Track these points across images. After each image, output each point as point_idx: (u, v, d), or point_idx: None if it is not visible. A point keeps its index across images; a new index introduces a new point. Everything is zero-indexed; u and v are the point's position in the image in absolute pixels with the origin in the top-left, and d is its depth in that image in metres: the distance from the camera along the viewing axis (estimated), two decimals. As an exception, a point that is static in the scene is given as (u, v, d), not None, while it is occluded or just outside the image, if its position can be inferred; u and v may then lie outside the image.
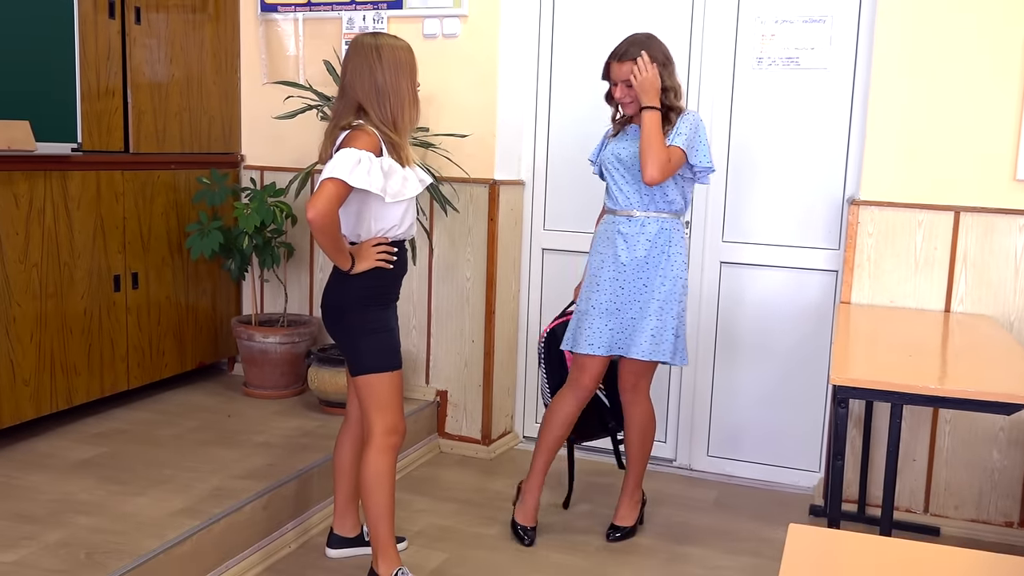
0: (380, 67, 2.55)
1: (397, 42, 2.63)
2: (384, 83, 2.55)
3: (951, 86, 3.20)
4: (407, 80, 2.60)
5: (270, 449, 3.33)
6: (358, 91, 2.56)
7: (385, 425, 2.64)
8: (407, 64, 2.61)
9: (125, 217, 3.67)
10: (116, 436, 3.42)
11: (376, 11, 3.89)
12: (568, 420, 3.10)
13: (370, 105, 2.55)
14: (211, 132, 4.10)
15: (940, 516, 3.35)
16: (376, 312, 2.64)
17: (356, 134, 2.52)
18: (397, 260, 2.66)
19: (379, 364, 2.63)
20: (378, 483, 2.63)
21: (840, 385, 2.21)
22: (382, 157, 2.53)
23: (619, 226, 3.01)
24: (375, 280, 2.62)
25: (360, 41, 2.61)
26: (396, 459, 2.69)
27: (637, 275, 2.97)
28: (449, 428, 4.02)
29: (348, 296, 2.63)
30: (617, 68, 2.94)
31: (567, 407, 3.09)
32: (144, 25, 3.69)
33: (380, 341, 2.64)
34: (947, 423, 3.31)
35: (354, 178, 2.45)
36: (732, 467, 3.82)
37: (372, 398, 2.64)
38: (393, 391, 2.66)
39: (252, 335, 3.94)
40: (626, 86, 2.92)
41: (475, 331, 3.92)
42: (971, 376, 2.41)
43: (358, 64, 2.58)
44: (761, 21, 3.59)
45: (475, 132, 3.78)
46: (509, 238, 3.95)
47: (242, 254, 3.90)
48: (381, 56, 2.56)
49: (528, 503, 3.17)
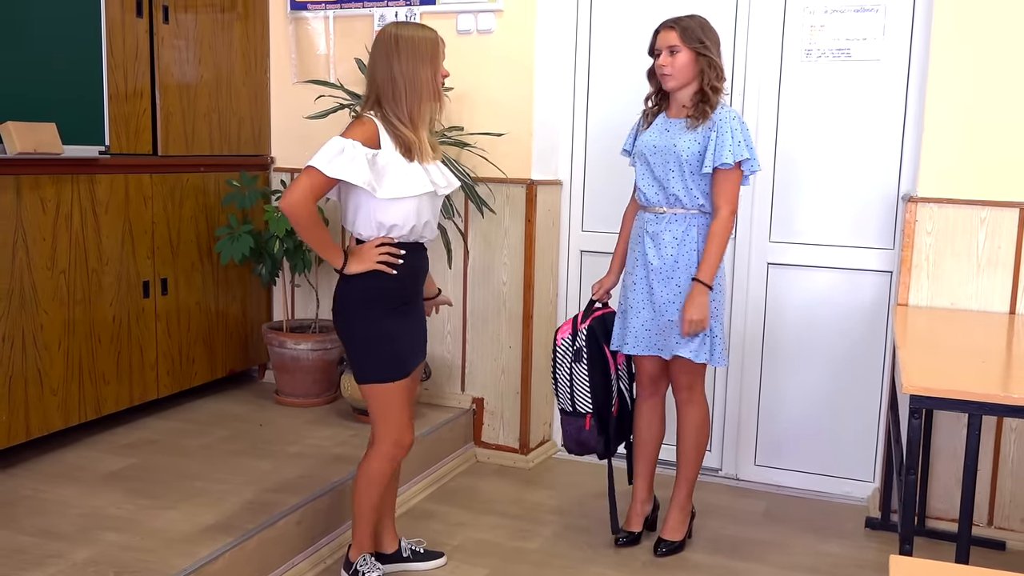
0: (398, 57, 2.44)
1: (421, 32, 2.49)
2: (400, 74, 2.43)
3: (1014, 75, 3.03)
4: (427, 71, 2.46)
5: (303, 460, 3.23)
6: (377, 82, 2.46)
7: (393, 438, 2.56)
8: (428, 54, 2.47)
9: (154, 221, 3.59)
10: (146, 447, 3.33)
11: (408, 7, 3.78)
12: (647, 424, 3.09)
13: (385, 97, 2.45)
14: (240, 134, 4.01)
15: (1006, 529, 3.19)
16: (380, 317, 2.50)
17: (352, 124, 2.43)
18: (405, 264, 2.50)
19: (380, 374, 2.50)
20: (372, 487, 2.60)
21: (915, 395, 2.06)
22: (378, 150, 2.40)
23: (647, 225, 2.90)
24: (377, 281, 2.48)
25: (383, 31, 2.51)
26: (396, 467, 2.63)
27: (669, 276, 2.86)
28: (486, 437, 3.89)
29: (349, 298, 2.51)
30: (664, 34, 2.82)
31: (640, 412, 3.09)
32: (172, 25, 3.60)
33: (382, 349, 2.50)
34: (1012, 431, 3.14)
35: (332, 168, 2.34)
36: (781, 476, 3.67)
37: (376, 408, 2.55)
38: (398, 401, 2.54)
39: (283, 342, 3.84)
40: (668, 54, 2.80)
41: (512, 336, 3.79)
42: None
43: (377, 54, 2.48)
44: (810, 11, 3.44)
45: (511, 131, 3.66)
46: (547, 240, 3.83)
47: (273, 259, 3.81)
48: (399, 45, 2.44)
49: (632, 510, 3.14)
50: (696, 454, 3.05)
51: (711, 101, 2.81)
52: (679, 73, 2.80)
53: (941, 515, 3.24)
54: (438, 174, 2.56)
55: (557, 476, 3.76)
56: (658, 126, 2.91)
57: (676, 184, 2.84)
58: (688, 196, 2.84)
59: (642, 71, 3.69)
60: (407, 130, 2.45)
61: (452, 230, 3.70)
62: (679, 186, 2.84)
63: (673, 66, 2.80)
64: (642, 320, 2.91)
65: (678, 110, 2.89)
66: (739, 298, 3.66)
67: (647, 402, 3.07)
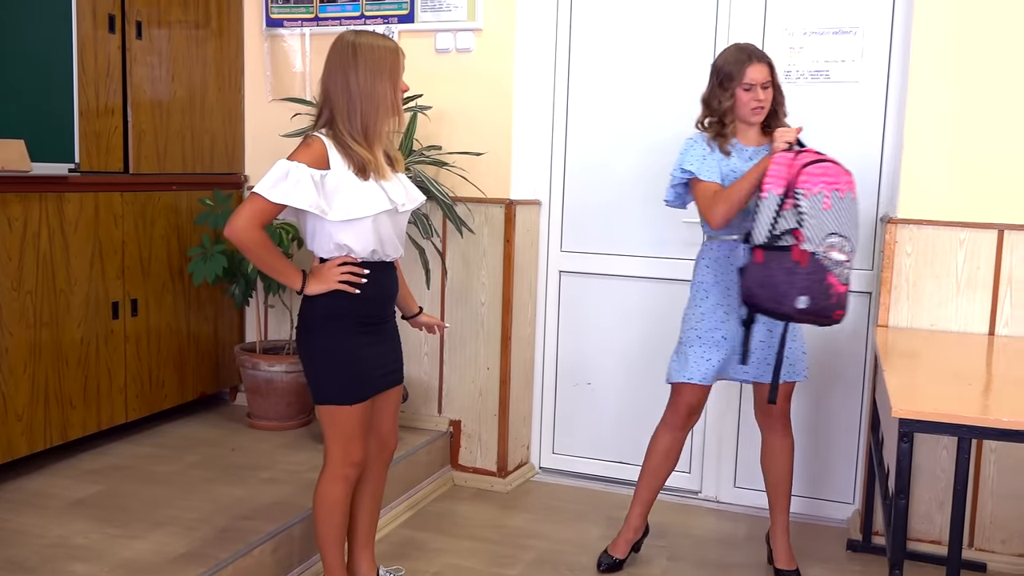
0: (355, 68, 2.34)
1: (380, 41, 2.39)
2: (357, 87, 2.34)
3: (993, 97, 3.05)
4: (385, 84, 2.36)
5: (277, 485, 3.15)
6: (330, 95, 2.37)
7: (344, 456, 2.47)
8: (387, 66, 2.37)
9: (124, 241, 3.50)
10: (114, 473, 3.24)
11: (387, 25, 3.74)
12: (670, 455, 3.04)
13: (339, 113, 2.35)
14: (214, 152, 3.94)
15: (986, 551, 3.17)
16: (343, 337, 2.41)
17: (299, 145, 2.35)
18: (370, 283, 2.42)
19: (337, 395, 2.42)
20: (330, 512, 2.49)
21: (905, 418, 2.04)
22: (328, 171, 2.32)
23: (733, 256, 2.83)
24: (341, 301, 2.40)
25: (339, 38, 2.41)
26: (351, 489, 2.52)
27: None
28: (463, 460, 3.83)
29: (311, 316, 2.42)
30: (760, 68, 2.75)
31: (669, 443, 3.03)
32: (145, 41, 3.53)
33: (342, 370, 2.42)
34: (992, 452, 3.14)
35: (276, 193, 2.27)
36: (760, 498, 3.63)
37: (330, 429, 2.47)
38: (356, 424, 2.46)
39: (256, 363, 3.76)
40: (762, 89, 2.75)
41: (491, 358, 3.75)
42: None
43: (333, 64, 2.38)
44: (789, 33, 3.45)
45: (490, 150, 3.62)
46: (525, 260, 3.79)
47: (246, 279, 3.73)
48: (357, 56, 2.34)
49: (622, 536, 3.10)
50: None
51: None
52: (768, 107, 2.79)
53: (921, 536, 3.23)
54: (398, 190, 2.46)
55: (536, 499, 3.71)
56: (751, 155, 2.81)
57: None
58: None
59: (621, 90, 3.72)
60: (361, 148, 2.36)
61: (430, 250, 3.65)
62: None
63: (768, 100, 2.77)
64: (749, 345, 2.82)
65: (754, 138, 2.84)
66: (719, 319, 3.64)
67: (679, 433, 2.98)
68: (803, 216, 2.50)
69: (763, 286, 2.56)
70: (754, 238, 2.59)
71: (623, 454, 3.85)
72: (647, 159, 3.71)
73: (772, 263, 2.53)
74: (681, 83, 3.63)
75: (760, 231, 2.57)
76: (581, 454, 3.92)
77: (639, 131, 3.72)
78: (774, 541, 3.06)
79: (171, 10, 3.65)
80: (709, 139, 2.84)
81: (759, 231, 2.58)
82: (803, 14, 3.44)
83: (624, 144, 3.75)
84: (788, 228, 2.52)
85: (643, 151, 3.71)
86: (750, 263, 2.59)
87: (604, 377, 3.85)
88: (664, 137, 3.68)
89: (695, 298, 2.93)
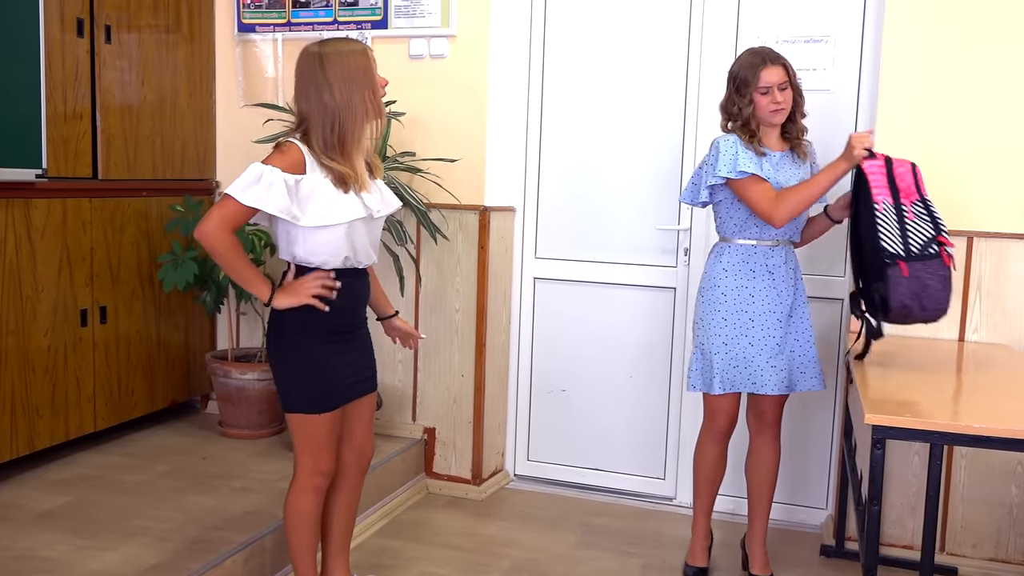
0: (326, 82, 2.28)
1: (346, 46, 2.33)
2: (333, 102, 2.29)
3: (962, 106, 3.09)
4: (362, 92, 2.31)
5: (249, 495, 3.11)
6: (303, 109, 2.33)
7: (313, 466, 2.44)
8: (359, 72, 2.31)
9: (93, 247, 3.45)
10: (82, 483, 3.18)
11: (360, 31, 3.73)
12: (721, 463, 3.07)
13: (314, 128, 2.31)
14: (185, 157, 3.90)
15: (957, 555, 3.20)
16: (314, 345, 2.38)
17: (275, 151, 2.31)
18: (342, 291, 2.39)
19: (306, 404, 2.39)
20: (301, 523, 2.46)
21: (878, 425, 2.05)
22: (302, 175, 2.28)
23: (767, 259, 2.85)
24: (311, 309, 2.36)
25: (304, 51, 2.35)
26: (321, 498, 2.49)
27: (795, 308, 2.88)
28: (437, 468, 3.81)
29: (281, 324, 2.39)
30: (775, 70, 2.76)
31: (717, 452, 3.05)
32: (115, 45, 3.49)
33: (311, 379, 2.39)
34: (963, 457, 3.17)
35: (248, 196, 2.23)
36: (735, 505, 3.65)
37: (299, 438, 2.43)
38: (325, 433, 2.43)
39: (228, 371, 3.72)
40: (779, 90, 2.75)
41: (465, 365, 3.73)
42: (1014, 413, 2.27)
43: (302, 79, 2.33)
44: (761, 41, 3.44)
45: (464, 157, 3.61)
46: (500, 267, 3.78)
47: (218, 286, 3.70)
48: (325, 69, 2.29)
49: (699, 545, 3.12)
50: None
51: (802, 131, 2.85)
52: (788, 109, 2.79)
53: (893, 541, 3.25)
54: (374, 196, 2.43)
55: (511, 507, 3.70)
56: (778, 160, 2.83)
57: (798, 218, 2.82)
58: (797, 226, 2.87)
59: (595, 97, 3.73)
60: (338, 164, 2.31)
61: (404, 256, 3.63)
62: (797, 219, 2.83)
63: (787, 102, 2.77)
64: (770, 357, 2.84)
65: (776, 143, 2.86)
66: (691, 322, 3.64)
67: (724, 442, 3.00)
68: (940, 222, 2.56)
69: (918, 297, 2.51)
70: (889, 250, 2.53)
71: (598, 461, 3.85)
72: (622, 166, 3.72)
73: (923, 273, 2.51)
74: (655, 91, 3.65)
75: (892, 243, 2.53)
76: (556, 461, 3.92)
77: (613, 138, 3.72)
78: (750, 547, 3.07)
79: (141, 14, 3.61)
80: (745, 141, 2.80)
81: (891, 243, 2.53)
82: (775, 23, 3.46)
83: (598, 151, 3.75)
84: (931, 236, 2.54)
85: (617, 158, 3.72)
86: (893, 278, 2.51)
87: (579, 384, 3.85)
88: (639, 144, 3.70)
89: (714, 302, 2.87)
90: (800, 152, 2.88)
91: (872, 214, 2.57)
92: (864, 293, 2.66)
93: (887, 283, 2.50)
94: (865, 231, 2.60)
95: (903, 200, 2.59)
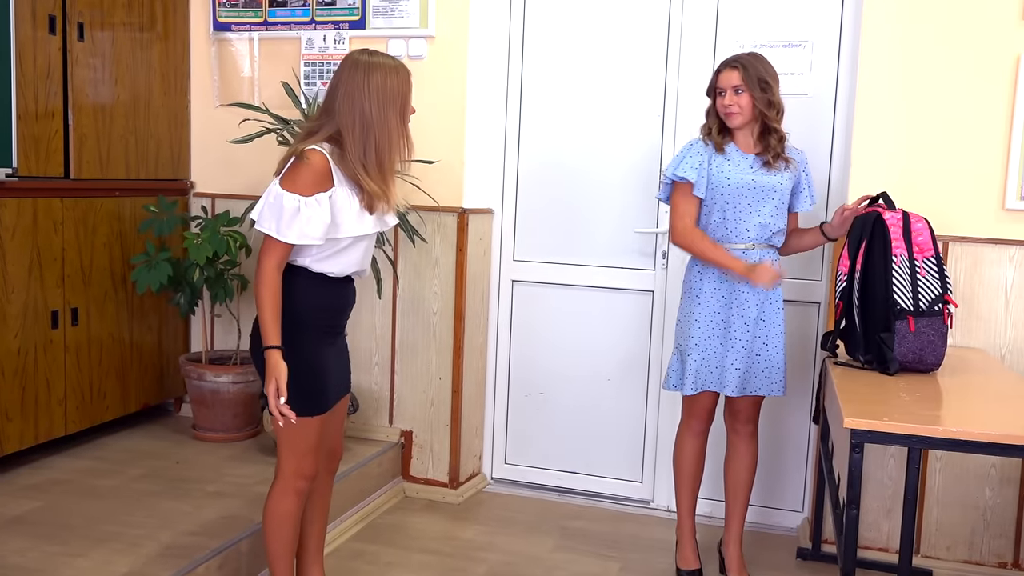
0: (367, 94, 2.27)
1: (393, 65, 2.33)
2: (371, 116, 2.27)
3: (939, 111, 3.12)
4: (396, 113, 2.31)
5: (224, 500, 3.07)
6: (344, 117, 2.29)
7: (296, 468, 2.42)
8: (397, 95, 2.31)
9: (65, 248, 3.40)
10: (52, 488, 3.13)
11: (337, 31, 3.70)
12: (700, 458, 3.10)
13: (351, 138, 2.27)
14: (159, 157, 3.85)
15: (932, 558, 3.23)
16: (308, 349, 2.38)
17: (299, 163, 2.25)
18: (338, 297, 2.43)
19: (304, 408, 2.37)
20: (281, 526, 2.44)
21: (857, 429, 2.06)
22: (332, 189, 2.27)
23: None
24: (308, 314, 2.37)
25: (352, 59, 2.33)
26: (303, 502, 2.47)
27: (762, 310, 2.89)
28: (414, 471, 3.79)
29: (282, 322, 2.36)
30: (728, 74, 2.81)
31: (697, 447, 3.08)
32: (88, 43, 3.44)
33: (306, 383, 2.37)
34: (938, 460, 3.19)
35: (291, 234, 2.24)
36: (711, 508, 3.65)
37: (290, 441, 2.41)
38: (313, 437, 2.42)
39: (203, 374, 3.67)
40: (734, 93, 2.79)
41: (442, 367, 3.71)
42: (990, 417, 2.29)
43: (344, 83, 2.29)
44: (740, 46, 3.48)
45: (443, 158, 3.59)
46: (478, 269, 3.77)
47: (192, 287, 3.65)
48: (369, 81, 2.28)
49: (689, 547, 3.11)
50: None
51: (782, 138, 2.86)
52: (745, 112, 2.80)
53: (868, 543, 3.27)
54: (387, 217, 2.47)
55: (488, 511, 3.68)
56: (739, 161, 2.85)
57: (770, 218, 2.84)
58: (771, 231, 2.87)
59: (574, 100, 3.72)
60: (374, 184, 2.29)
61: (382, 259, 3.60)
62: (773, 221, 2.85)
63: (739, 104, 2.79)
64: (735, 359, 2.86)
65: (747, 145, 2.87)
66: (671, 326, 3.65)
67: (704, 436, 3.04)
68: (948, 280, 2.64)
69: (922, 350, 2.59)
70: (900, 304, 2.59)
71: (576, 464, 3.84)
72: (600, 168, 3.72)
73: (928, 330, 2.58)
74: (634, 93, 3.65)
75: (904, 297, 2.60)
76: (533, 464, 3.90)
77: (592, 141, 3.72)
78: (726, 549, 3.07)
79: (115, 12, 3.56)
80: (706, 141, 2.88)
81: (903, 297, 2.60)
82: (754, 27, 3.48)
83: (577, 153, 3.75)
84: (939, 294, 2.61)
85: (596, 161, 3.72)
86: (901, 332, 2.57)
87: (557, 387, 3.84)
88: (617, 147, 3.70)
89: (689, 304, 2.94)
90: (778, 158, 2.86)
91: (888, 265, 2.63)
92: (865, 338, 2.70)
93: (894, 336, 2.58)
94: (877, 280, 2.66)
95: (916, 255, 2.66)
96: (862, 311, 2.71)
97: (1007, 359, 3.11)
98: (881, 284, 2.64)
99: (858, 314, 2.71)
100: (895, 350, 2.56)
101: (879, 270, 2.66)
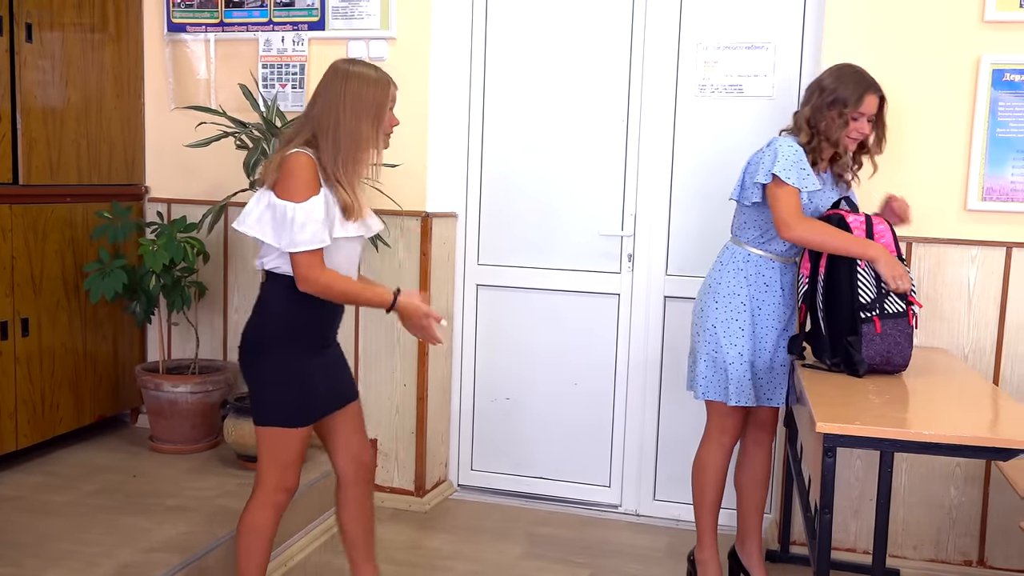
0: (343, 103, 2.29)
1: (372, 75, 2.34)
2: (343, 124, 2.29)
3: (899, 116, 3.12)
4: (369, 123, 2.31)
5: (185, 514, 2.99)
6: (320, 123, 2.30)
7: (278, 482, 2.37)
8: (371, 104, 2.32)
9: (14, 256, 3.29)
10: (2, 505, 3.02)
11: (296, 32, 3.63)
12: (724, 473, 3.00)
13: (324, 144, 2.29)
14: (112, 162, 3.74)
15: (899, 557, 3.25)
16: (297, 356, 2.34)
17: (292, 168, 2.24)
18: (329, 306, 2.39)
19: (284, 418, 2.33)
20: (256, 539, 2.39)
21: (829, 434, 2.04)
22: (322, 190, 2.28)
23: (783, 275, 2.83)
24: (300, 320, 2.34)
25: (335, 67, 2.36)
26: (279, 516, 2.42)
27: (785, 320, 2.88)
28: (380, 479, 3.72)
29: (267, 331, 2.34)
30: (872, 100, 2.71)
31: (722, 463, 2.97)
32: (36, 44, 3.33)
33: (292, 392, 2.33)
34: (903, 460, 3.21)
35: (316, 240, 2.24)
36: (681, 511, 3.64)
37: (271, 452, 2.36)
38: (296, 450, 2.37)
39: (160, 384, 3.57)
40: (867, 121, 2.73)
41: (407, 374, 3.66)
42: (959, 419, 2.30)
43: (325, 89, 2.32)
44: (704, 47, 3.47)
45: (405, 162, 3.53)
46: (442, 274, 3.72)
47: (148, 295, 3.55)
48: (346, 87, 2.30)
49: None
50: None
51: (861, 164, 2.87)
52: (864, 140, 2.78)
53: (837, 544, 3.27)
54: (372, 219, 2.46)
55: (455, 519, 3.63)
56: (824, 178, 2.82)
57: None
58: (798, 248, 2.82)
59: (537, 102, 3.69)
60: (345, 193, 2.30)
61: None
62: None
63: (865, 134, 2.75)
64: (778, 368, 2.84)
65: (824, 163, 2.82)
66: (639, 329, 3.64)
67: (731, 453, 2.95)
68: (912, 281, 2.61)
69: (889, 352, 2.57)
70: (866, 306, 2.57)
71: (543, 470, 3.81)
72: (564, 171, 3.69)
73: (894, 331, 2.57)
74: (597, 95, 3.63)
75: (869, 299, 2.58)
76: (500, 471, 3.86)
77: (556, 143, 3.69)
78: (750, 557, 3.03)
79: (64, 12, 3.46)
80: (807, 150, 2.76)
81: (868, 300, 2.57)
82: (717, 29, 3.47)
83: (541, 156, 3.72)
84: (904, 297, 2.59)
85: (560, 164, 3.69)
86: (868, 335, 2.55)
87: (523, 392, 3.81)
88: (581, 150, 3.67)
89: (729, 308, 2.80)
90: (842, 180, 2.85)
91: (853, 267, 2.61)
92: (832, 341, 2.67)
93: (861, 339, 2.56)
94: (842, 283, 2.63)
95: None
96: (827, 314, 2.70)
97: (970, 358, 3.13)
98: (847, 287, 2.62)
99: (823, 318, 2.70)
100: (863, 352, 2.56)
101: (844, 273, 2.65)
